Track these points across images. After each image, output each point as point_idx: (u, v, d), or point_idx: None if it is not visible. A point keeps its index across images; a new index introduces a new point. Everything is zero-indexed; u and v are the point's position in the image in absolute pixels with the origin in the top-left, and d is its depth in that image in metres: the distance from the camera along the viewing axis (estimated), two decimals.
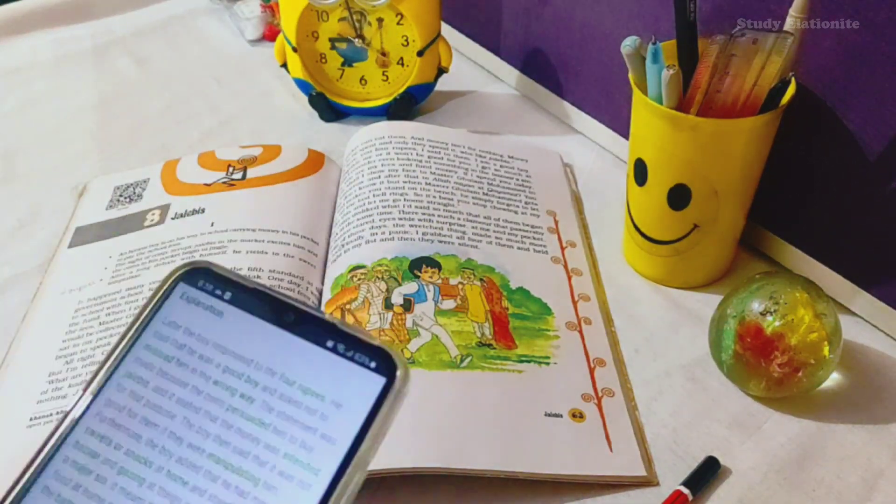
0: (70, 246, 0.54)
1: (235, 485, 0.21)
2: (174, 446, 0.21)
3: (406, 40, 0.63)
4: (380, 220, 0.51)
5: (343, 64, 0.65)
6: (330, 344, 0.22)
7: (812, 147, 0.47)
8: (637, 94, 0.45)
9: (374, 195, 0.53)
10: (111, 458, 0.22)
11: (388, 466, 0.37)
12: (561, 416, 0.42)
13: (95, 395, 0.22)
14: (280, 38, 0.65)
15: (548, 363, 0.44)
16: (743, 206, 0.48)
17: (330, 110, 0.67)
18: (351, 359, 0.21)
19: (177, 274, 0.23)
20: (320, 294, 0.49)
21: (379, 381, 0.21)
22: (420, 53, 0.63)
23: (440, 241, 0.50)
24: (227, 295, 0.23)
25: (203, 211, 0.54)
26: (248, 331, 0.22)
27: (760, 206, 0.49)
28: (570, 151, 0.63)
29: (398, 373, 0.21)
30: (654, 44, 0.43)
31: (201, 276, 0.23)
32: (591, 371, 0.45)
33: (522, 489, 0.39)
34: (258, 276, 0.48)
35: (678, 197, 0.46)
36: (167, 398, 0.22)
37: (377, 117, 0.66)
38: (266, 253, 0.50)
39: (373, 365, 0.21)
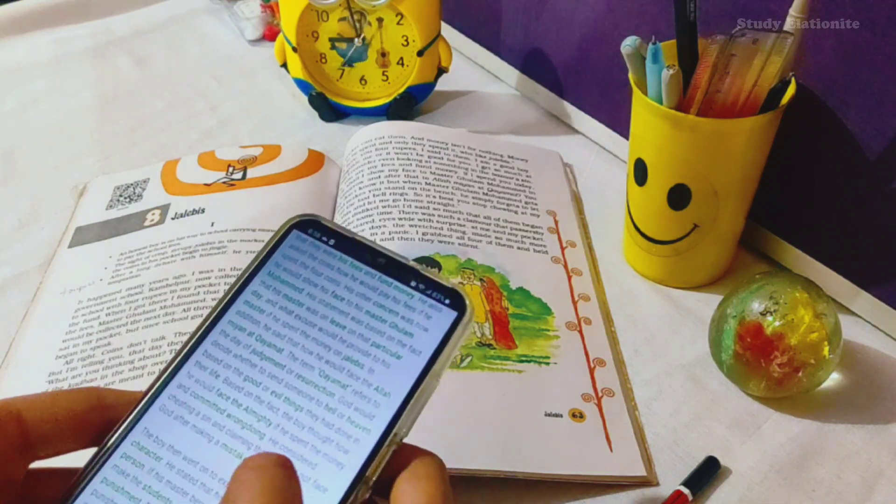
0: (70, 246, 0.54)
1: (331, 383, 0.25)
2: (286, 369, 0.26)
3: (406, 40, 0.63)
4: (380, 220, 0.51)
5: (343, 64, 0.65)
6: (413, 284, 0.26)
7: (812, 147, 0.47)
8: (637, 94, 0.45)
9: (373, 195, 0.53)
10: (222, 385, 0.26)
11: None
12: (561, 416, 0.42)
13: (216, 321, 0.27)
14: (280, 38, 0.65)
15: (548, 363, 0.44)
16: (743, 206, 0.48)
17: (330, 110, 0.67)
18: (430, 296, 0.26)
19: (291, 222, 0.28)
20: None
21: (451, 314, 0.26)
22: (420, 53, 0.63)
23: (440, 241, 0.50)
24: (332, 241, 0.27)
25: (203, 211, 0.54)
26: (349, 271, 0.27)
27: (760, 206, 0.49)
28: (570, 151, 0.63)
29: (466, 308, 0.26)
30: (654, 44, 0.43)
31: (311, 226, 0.28)
32: (591, 371, 0.45)
33: (522, 489, 0.39)
34: None
35: (678, 197, 0.46)
36: (282, 324, 0.26)
37: (377, 117, 0.66)
38: None
39: (447, 301, 0.26)
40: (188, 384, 0.25)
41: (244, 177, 0.57)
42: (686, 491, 0.38)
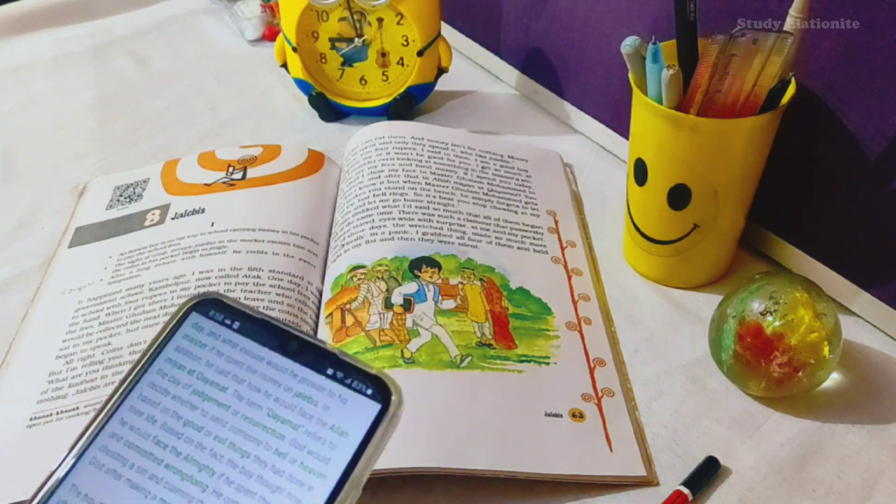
0: (70, 246, 0.54)
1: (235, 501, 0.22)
2: (185, 466, 0.23)
3: (406, 40, 0.63)
4: (380, 219, 0.51)
5: (343, 64, 0.65)
6: (330, 371, 0.23)
7: (812, 147, 0.47)
8: (637, 94, 0.45)
9: (373, 195, 0.53)
10: (124, 473, 0.23)
11: (389, 466, 0.37)
12: (561, 416, 0.42)
13: (110, 416, 0.24)
14: (280, 37, 0.65)
15: (548, 363, 0.44)
16: (743, 206, 0.48)
17: (330, 110, 0.67)
18: (349, 386, 0.23)
19: (190, 304, 0.25)
20: (320, 294, 0.49)
21: (374, 407, 0.22)
22: (420, 53, 0.63)
23: (440, 241, 0.50)
24: (236, 324, 0.24)
25: (203, 211, 0.54)
26: (255, 358, 0.24)
27: (760, 206, 0.49)
28: (570, 151, 0.63)
29: (392, 399, 0.22)
30: (654, 44, 0.43)
31: (211, 307, 0.25)
32: (591, 371, 0.45)
33: (522, 489, 0.39)
34: (258, 276, 0.48)
35: (678, 197, 0.46)
36: (179, 421, 0.23)
37: (377, 117, 0.66)
38: (266, 253, 0.50)
39: (369, 392, 0.23)
40: (111, 445, 0.23)
41: (244, 177, 0.57)
42: (686, 491, 0.38)
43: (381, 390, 0.23)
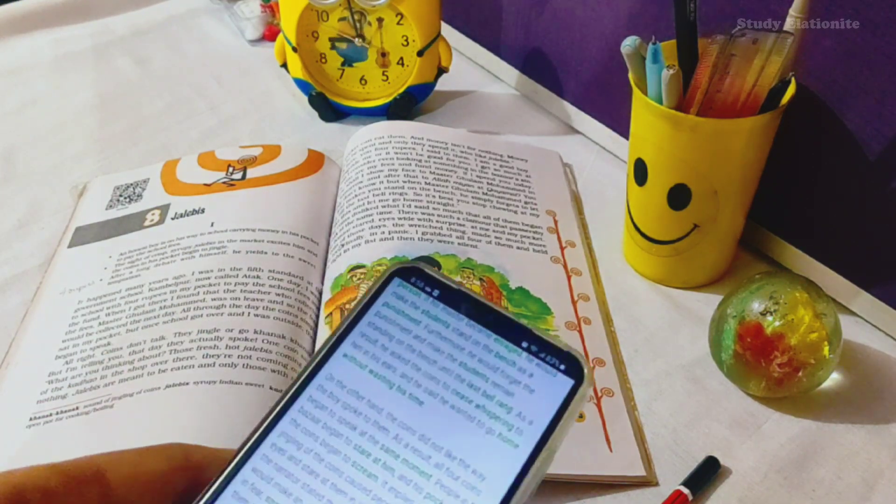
0: (70, 246, 0.54)
1: (417, 474, 0.23)
2: (381, 432, 0.23)
3: (406, 40, 0.63)
4: (379, 219, 0.51)
5: (343, 64, 0.65)
6: (524, 345, 0.24)
7: (812, 147, 0.47)
8: (637, 93, 0.45)
9: (373, 195, 0.53)
10: (319, 447, 0.23)
11: None
12: None
13: (316, 373, 0.24)
14: (280, 37, 0.65)
15: None
16: (743, 206, 0.48)
17: (330, 110, 0.67)
18: (543, 360, 0.24)
19: (392, 269, 0.26)
20: (320, 294, 0.49)
21: (567, 383, 0.23)
22: (420, 53, 0.63)
23: (440, 241, 0.50)
24: (436, 293, 0.25)
25: (203, 211, 0.54)
26: (453, 324, 0.25)
27: (760, 205, 0.49)
28: (570, 151, 0.63)
29: (585, 376, 0.23)
30: (654, 43, 0.43)
31: (413, 274, 0.26)
32: (591, 371, 0.44)
33: None
34: (258, 276, 0.48)
35: (678, 197, 0.46)
36: (382, 382, 0.24)
37: (377, 117, 0.66)
38: (266, 253, 0.50)
39: (563, 367, 0.23)
40: (282, 445, 0.23)
41: (244, 177, 0.57)
42: (686, 491, 0.38)
43: (572, 367, 0.23)
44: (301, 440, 0.23)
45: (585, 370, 0.23)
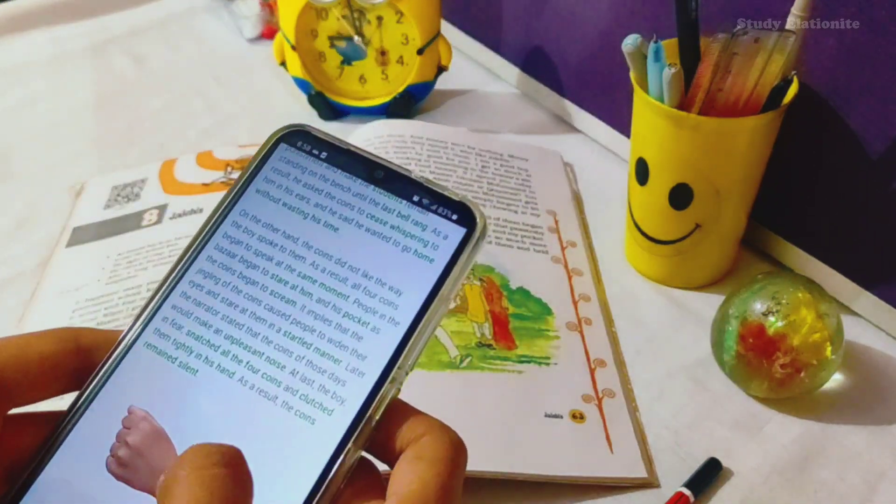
0: (68, 246, 0.54)
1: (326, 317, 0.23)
2: (271, 294, 0.24)
3: (406, 38, 0.63)
4: None
5: (342, 62, 0.65)
6: (416, 198, 0.24)
7: (814, 146, 0.47)
8: (638, 92, 0.45)
9: None
10: (210, 317, 0.24)
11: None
12: (561, 416, 0.41)
13: (211, 235, 0.25)
14: (279, 36, 0.65)
15: (548, 364, 0.44)
16: (745, 206, 0.48)
17: (329, 109, 0.67)
18: (435, 211, 0.24)
19: (279, 135, 0.26)
20: None
21: (460, 231, 0.23)
22: (420, 52, 0.63)
23: None
24: (324, 155, 0.25)
25: (201, 211, 0.54)
26: (344, 186, 0.25)
27: (762, 205, 0.49)
28: (571, 150, 0.63)
29: (477, 222, 0.23)
30: (656, 42, 0.42)
31: (300, 138, 0.26)
32: (592, 372, 0.44)
33: (522, 490, 0.39)
34: None
35: (680, 196, 0.46)
36: (264, 255, 0.24)
37: (376, 116, 0.66)
38: None
39: (455, 217, 0.24)
40: (200, 281, 0.24)
41: None
42: (688, 492, 0.38)
43: (465, 216, 0.24)
44: (219, 275, 0.24)
45: (477, 215, 0.23)
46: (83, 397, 0.23)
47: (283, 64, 0.66)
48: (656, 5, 0.53)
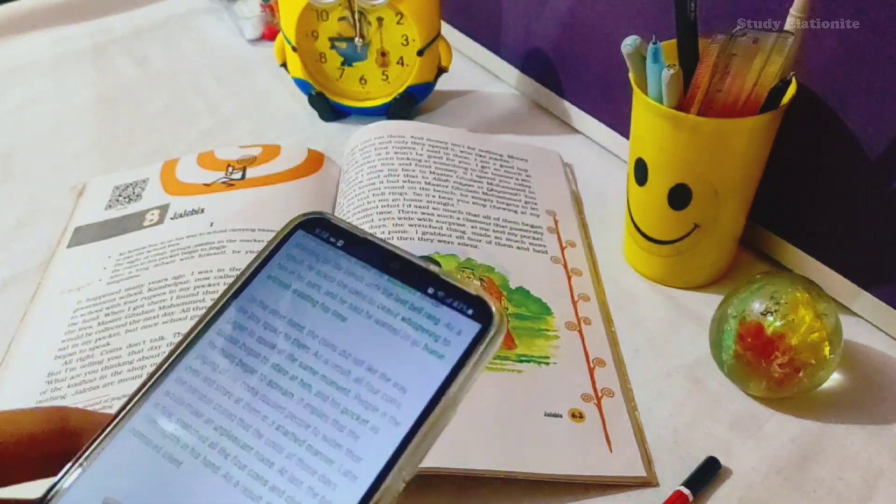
0: (69, 246, 0.54)
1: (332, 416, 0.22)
2: (269, 384, 0.23)
3: (406, 39, 0.63)
4: (379, 219, 0.51)
5: (343, 63, 0.65)
6: (430, 290, 0.23)
7: (813, 147, 0.47)
8: (637, 93, 0.45)
9: (373, 195, 0.53)
10: (202, 405, 0.23)
11: None
12: (560, 416, 0.42)
13: (214, 319, 0.24)
14: (279, 37, 0.65)
15: (547, 363, 0.44)
16: (744, 206, 0.48)
17: (329, 110, 0.67)
18: (449, 305, 0.23)
19: (296, 221, 0.25)
20: None
21: (474, 327, 0.22)
22: (420, 53, 0.63)
23: (439, 241, 0.50)
24: (340, 243, 0.24)
25: (202, 211, 0.54)
26: (357, 275, 0.24)
27: (761, 206, 0.49)
28: (570, 151, 0.63)
29: (494, 318, 0.22)
30: (655, 43, 0.43)
31: (318, 224, 0.25)
32: (591, 371, 0.44)
33: (522, 489, 0.39)
34: None
35: (679, 197, 0.46)
36: (306, 300, 0.24)
37: (377, 117, 0.66)
38: None
39: (470, 312, 0.22)
40: (198, 366, 0.23)
41: (243, 177, 0.57)
42: (686, 491, 0.38)
43: (481, 311, 0.22)
44: (217, 361, 0.23)
45: (494, 311, 0.22)
46: (58, 484, 0.22)
47: (283, 65, 0.66)
48: (655, 6, 0.53)
